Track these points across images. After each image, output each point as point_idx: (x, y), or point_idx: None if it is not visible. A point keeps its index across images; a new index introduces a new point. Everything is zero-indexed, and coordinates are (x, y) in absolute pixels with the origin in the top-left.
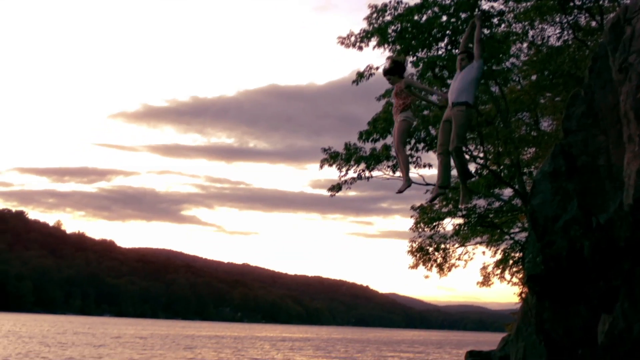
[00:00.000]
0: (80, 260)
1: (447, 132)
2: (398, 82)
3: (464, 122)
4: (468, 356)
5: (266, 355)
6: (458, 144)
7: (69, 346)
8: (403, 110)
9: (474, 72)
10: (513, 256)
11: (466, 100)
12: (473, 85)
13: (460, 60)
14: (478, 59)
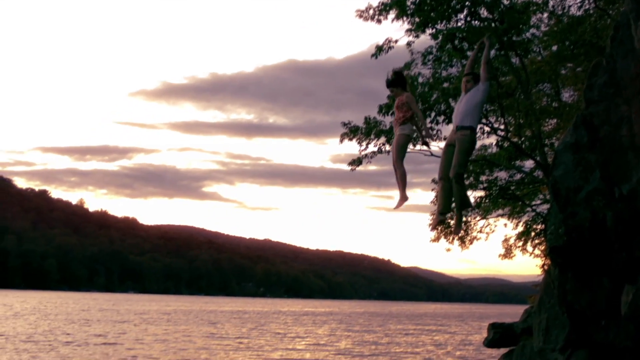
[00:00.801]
0: (104, 238)
1: (449, 157)
2: (400, 95)
3: (467, 148)
4: (490, 328)
5: (289, 330)
6: (459, 170)
7: (93, 322)
8: (403, 123)
9: (479, 96)
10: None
11: (471, 124)
12: (478, 109)
13: (465, 82)
14: (484, 82)
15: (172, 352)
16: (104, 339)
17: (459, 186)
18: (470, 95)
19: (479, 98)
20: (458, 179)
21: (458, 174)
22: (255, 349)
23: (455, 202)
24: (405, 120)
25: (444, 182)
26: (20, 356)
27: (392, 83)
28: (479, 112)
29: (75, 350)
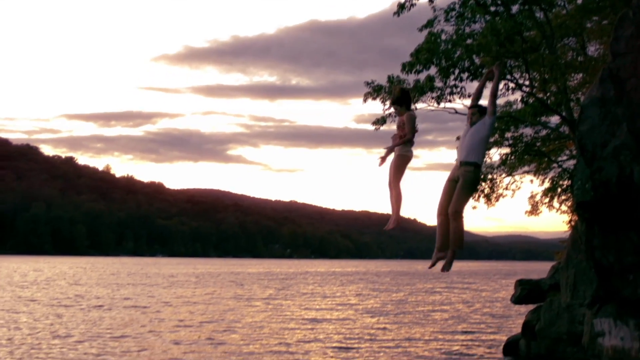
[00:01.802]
0: (131, 203)
1: (450, 192)
2: (402, 114)
3: (470, 185)
4: (518, 285)
5: (317, 290)
6: (458, 208)
7: (123, 286)
8: (402, 143)
9: (485, 130)
10: (561, 184)
11: (475, 160)
12: (483, 144)
13: (470, 114)
14: (491, 116)
15: (200, 314)
16: (133, 302)
17: (457, 224)
18: (475, 129)
19: (485, 133)
20: (456, 216)
21: (457, 212)
22: (283, 309)
23: (451, 239)
24: (406, 141)
25: (442, 217)
26: (52, 320)
27: (397, 101)
28: (484, 148)
29: (105, 314)
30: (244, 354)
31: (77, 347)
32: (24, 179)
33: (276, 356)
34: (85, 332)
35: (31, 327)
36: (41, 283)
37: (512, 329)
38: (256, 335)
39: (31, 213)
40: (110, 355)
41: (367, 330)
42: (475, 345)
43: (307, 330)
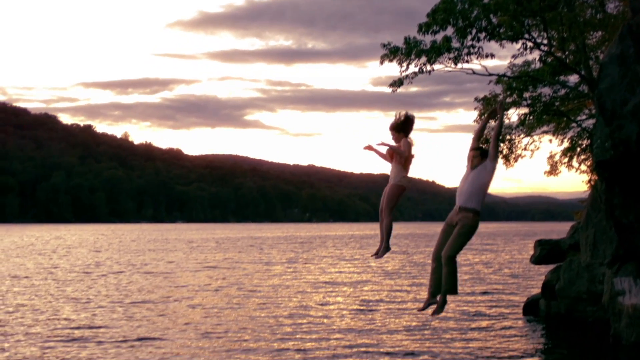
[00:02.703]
0: (150, 169)
1: (446, 236)
2: (399, 139)
3: (468, 231)
4: (537, 245)
5: (336, 253)
6: (452, 253)
7: (143, 252)
8: (396, 167)
9: (486, 176)
10: (580, 144)
11: (474, 207)
12: (483, 190)
13: (472, 157)
14: (492, 160)
15: (220, 279)
16: (154, 268)
17: (450, 269)
18: (476, 174)
19: (486, 179)
20: (449, 261)
21: (450, 257)
22: (302, 273)
23: (443, 284)
24: (400, 163)
25: (436, 263)
26: (74, 287)
27: (397, 127)
28: (484, 194)
29: (125, 280)
30: (264, 318)
31: (98, 314)
32: (43, 148)
33: (296, 319)
34: (106, 298)
35: (53, 294)
36: (63, 251)
37: (531, 289)
38: (276, 299)
39: (51, 182)
40: (131, 321)
41: (386, 292)
42: (495, 306)
43: (326, 293)
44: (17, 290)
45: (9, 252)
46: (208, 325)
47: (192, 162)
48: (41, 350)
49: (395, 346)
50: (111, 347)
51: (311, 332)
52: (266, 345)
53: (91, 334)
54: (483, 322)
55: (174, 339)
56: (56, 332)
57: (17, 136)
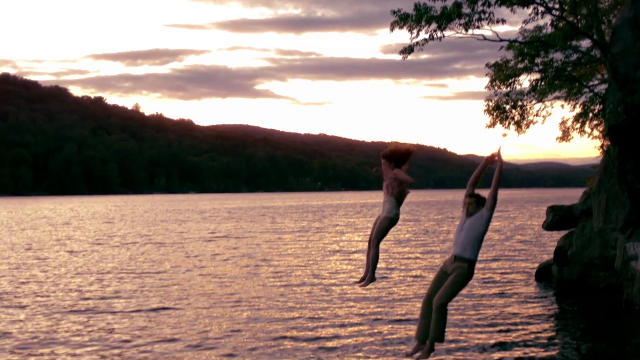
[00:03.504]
0: (161, 140)
1: (440, 283)
2: (391, 171)
3: (461, 281)
4: (549, 211)
5: (348, 221)
6: (444, 301)
7: (157, 223)
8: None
9: (482, 227)
10: (593, 109)
11: (470, 257)
12: (479, 241)
13: (467, 203)
14: (489, 210)
15: (233, 249)
16: (166, 238)
17: (439, 316)
18: (472, 223)
19: (482, 229)
20: (440, 308)
21: (442, 304)
22: (315, 241)
23: (431, 331)
24: (397, 195)
25: (426, 308)
26: (87, 258)
27: (389, 158)
28: (480, 244)
29: (139, 251)
30: (278, 286)
31: (111, 284)
32: (54, 121)
33: (308, 287)
34: (120, 269)
35: (67, 265)
36: (76, 222)
37: (544, 255)
38: (288, 268)
39: (63, 154)
40: (145, 291)
41: (398, 259)
42: (507, 272)
43: (339, 261)
44: (31, 262)
45: (22, 225)
46: (221, 294)
47: (203, 133)
48: (55, 321)
49: (407, 313)
50: (125, 317)
51: (323, 300)
52: (279, 314)
53: (105, 305)
54: (496, 289)
55: (187, 308)
56: (70, 303)
57: (29, 109)
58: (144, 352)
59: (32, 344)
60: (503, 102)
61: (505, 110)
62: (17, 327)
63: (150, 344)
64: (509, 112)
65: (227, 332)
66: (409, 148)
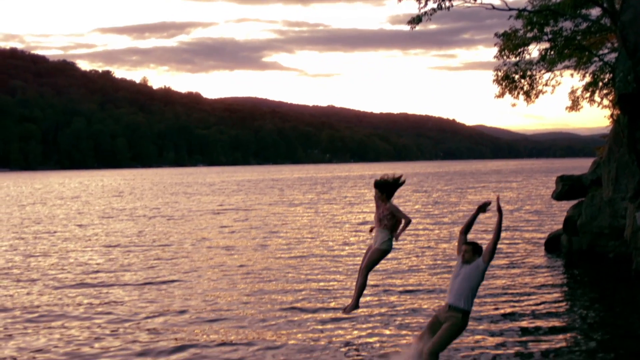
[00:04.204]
0: (169, 114)
1: (433, 330)
2: (384, 203)
3: (455, 331)
4: (559, 181)
5: (357, 193)
6: (435, 349)
7: (167, 196)
8: (383, 231)
9: (478, 277)
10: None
11: (464, 307)
12: (474, 291)
13: (464, 251)
14: (486, 261)
15: (242, 221)
16: (175, 211)
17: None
18: (469, 273)
19: (478, 280)
20: (431, 357)
21: (433, 353)
22: (324, 212)
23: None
24: (391, 227)
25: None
26: (97, 231)
27: (381, 188)
28: (475, 294)
29: (148, 223)
30: (287, 258)
31: (121, 257)
32: (62, 95)
33: (319, 259)
34: (130, 241)
35: (78, 238)
36: (86, 196)
37: (553, 225)
38: (298, 240)
39: (72, 128)
40: (154, 264)
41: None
42: (517, 242)
43: (349, 232)
44: (41, 236)
45: (32, 199)
46: (230, 266)
47: (211, 106)
48: (65, 294)
49: (417, 284)
50: (135, 289)
51: (333, 272)
52: (288, 286)
53: (114, 278)
54: (505, 259)
55: (196, 280)
56: (80, 276)
57: (37, 84)
58: (154, 324)
59: (42, 317)
60: (512, 72)
61: (514, 80)
62: (28, 300)
63: (160, 315)
64: (518, 82)
65: (236, 304)
66: (400, 177)
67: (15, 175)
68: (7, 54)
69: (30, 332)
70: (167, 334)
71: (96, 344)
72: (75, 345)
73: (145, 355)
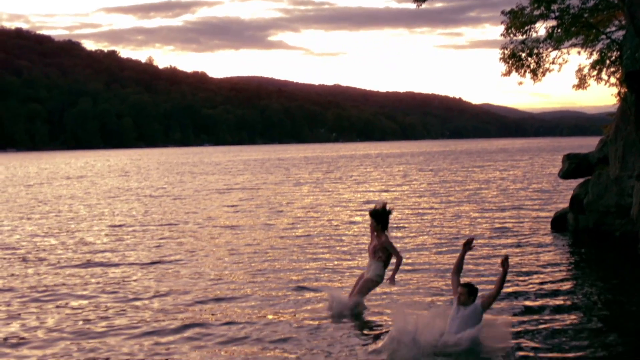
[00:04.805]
0: (175, 94)
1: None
2: (380, 234)
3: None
4: (565, 159)
5: (364, 172)
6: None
7: (173, 175)
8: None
9: (476, 319)
10: (610, 56)
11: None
12: (469, 342)
13: (460, 293)
14: (485, 307)
15: (247, 200)
16: (182, 191)
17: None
18: (467, 317)
19: (475, 322)
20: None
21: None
22: (330, 192)
23: None
24: (384, 259)
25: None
26: (103, 210)
27: (377, 218)
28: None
29: (154, 203)
30: (293, 237)
31: (127, 237)
32: (68, 75)
33: (325, 238)
34: (136, 221)
35: (84, 218)
36: (93, 176)
37: (559, 204)
38: (304, 219)
39: (78, 108)
40: (160, 243)
41: (415, 209)
42: (523, 221)
43: (355, 211)
44: (47, 215)
45: (39, 179)
46: (236, 245)
47: (217, 85)
48: (71, 274)
49: (425, 263)
50: (141, 268)
51: (339, 252)
52: (295, 265)
53: (120, 257)
54: (511, 238)
55: (202, 260)
56: (86, 256)
57: (42, 64)
58: (160, 303)
59: (49, 296)
60: (519, 50)
61: (521, 58)
62: (35, 280)
63: (166, 295)
64: (525, 60)
65: (242, 283)
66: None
67: (22, 156)
68: (12, 34)
69: (38, 312)
70: (173, 313)
71: (103, 322)
72: (83, 323)
73: (151, 334)
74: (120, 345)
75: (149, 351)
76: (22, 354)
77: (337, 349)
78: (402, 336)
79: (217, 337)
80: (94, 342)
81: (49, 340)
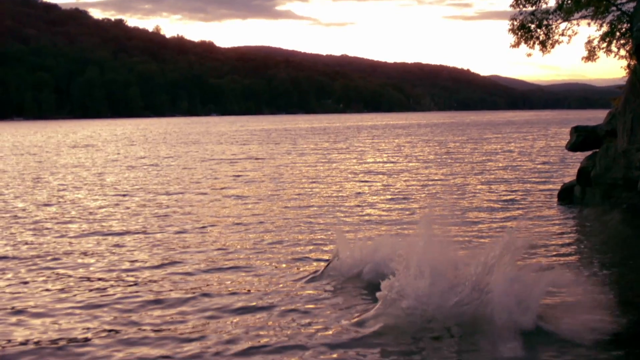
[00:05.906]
0: (183, 63)
1: None
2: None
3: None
4: (573, 132)
5: (371, 142)
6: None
7: (180, 145)
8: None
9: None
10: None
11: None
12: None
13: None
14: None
15: (255, 171)
16: (189, 161)
17: None
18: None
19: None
20: None
21: None
22: (337, 161)
23: None
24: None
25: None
26: (110, 180)
27: None
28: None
29: (161, 173)
30: (301, 208)
31: (135, 206)
32: (75, 44)
33: (332, 209)
34: (143, 190)
35: (91, 187)
36: (99, 144)
37: (567, 177)
38: (313, 189)
39: (85, 77)
40: (168, 212)
41: (421, 181)
42: (530, 193)
43: (362, 182)
44: (54, 185)
45: (47, 148)
46: (243, 216)
47: (224, 55)
48: (76, 243)
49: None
50: (147, 238)
51: (346, 222)
52: (303, 236)
53: (127, 226)
54: (518, 210)
55: (209, 230)
56: (93, 226)
57: (49, 32)
58: (167, 273)
59: (57, 265)
60: (528, 22)
61: (530, 29)
62: (41, 248)
63: (173, 264)
64: (534, 32)
65: (249, 253)
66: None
67: (29, 124)
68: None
69: (45, 280)
70: (179, 283)
71: (110, 291)
72: (89, 292)
73: (158, 303)
74: (127, 314)
75: (155, 320)
76: (30, 324)
77: (341, 315)
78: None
79: (224, 307)
80: (100, 311)
81: (57, 310)
